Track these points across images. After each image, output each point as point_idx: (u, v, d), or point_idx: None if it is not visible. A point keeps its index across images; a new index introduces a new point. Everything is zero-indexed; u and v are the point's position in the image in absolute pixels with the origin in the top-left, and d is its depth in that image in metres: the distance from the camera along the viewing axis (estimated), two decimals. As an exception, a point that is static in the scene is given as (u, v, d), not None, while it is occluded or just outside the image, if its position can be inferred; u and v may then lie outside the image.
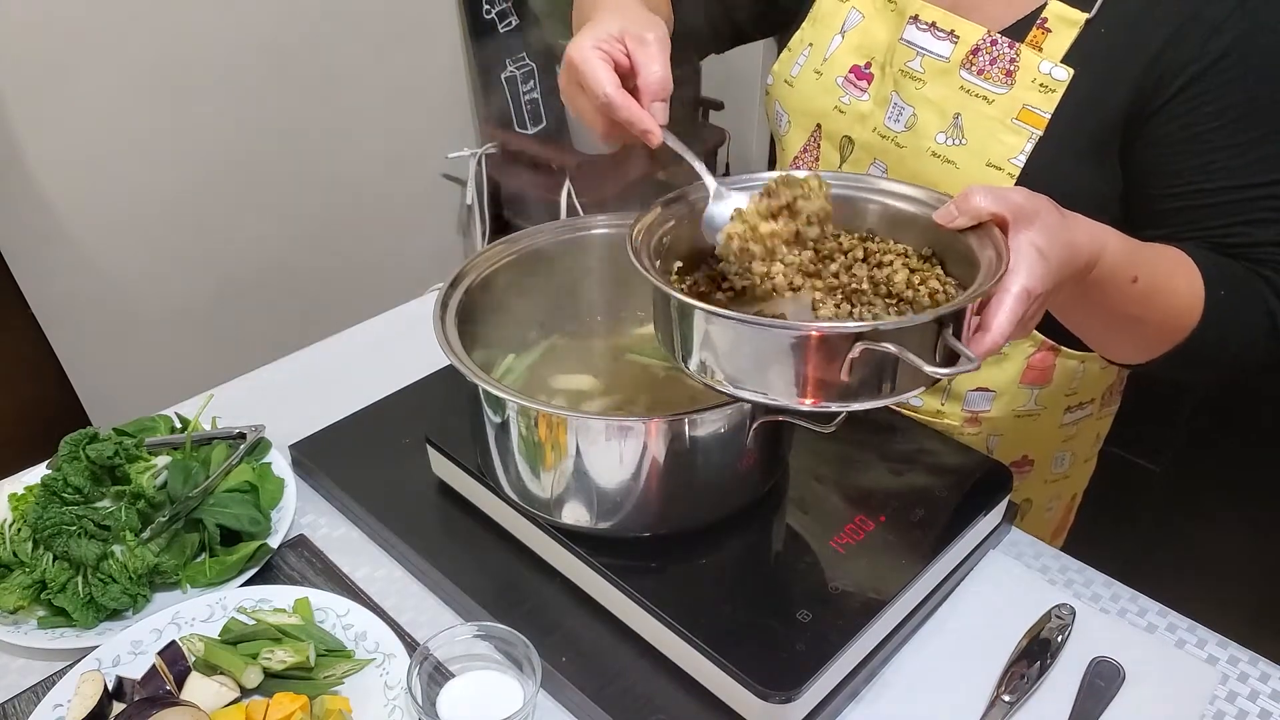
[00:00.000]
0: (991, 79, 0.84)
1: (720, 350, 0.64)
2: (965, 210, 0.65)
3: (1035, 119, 0.82)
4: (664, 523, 0.77)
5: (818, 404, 0.62)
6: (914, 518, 0.80)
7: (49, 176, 1.68)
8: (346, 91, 2.04)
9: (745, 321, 0.61)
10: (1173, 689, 0.75)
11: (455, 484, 0.88)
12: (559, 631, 0.76)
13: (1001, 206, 0.63)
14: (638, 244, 0.69)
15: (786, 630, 0.70)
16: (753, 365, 0.63)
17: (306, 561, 0.86)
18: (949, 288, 0.68)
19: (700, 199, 0.74)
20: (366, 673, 0.74)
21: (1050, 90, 0.81)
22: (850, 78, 0.93)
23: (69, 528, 0.80)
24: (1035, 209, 0.63)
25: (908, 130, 0.89)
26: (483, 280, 0.85)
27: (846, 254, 0.72)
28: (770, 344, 0.61)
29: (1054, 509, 1.09)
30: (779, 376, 0.62)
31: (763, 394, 0.63)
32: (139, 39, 1.70)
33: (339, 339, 1.19)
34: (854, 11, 0.93)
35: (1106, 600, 0.83)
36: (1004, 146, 0.83)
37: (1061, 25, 0.81)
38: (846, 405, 0.62)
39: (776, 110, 1.01)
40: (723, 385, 0.64)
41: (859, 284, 0.69)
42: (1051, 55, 0.81)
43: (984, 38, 0.84)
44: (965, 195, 0.65)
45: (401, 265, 2.30)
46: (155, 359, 1.92)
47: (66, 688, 0.72)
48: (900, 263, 0.70)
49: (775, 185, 0.70)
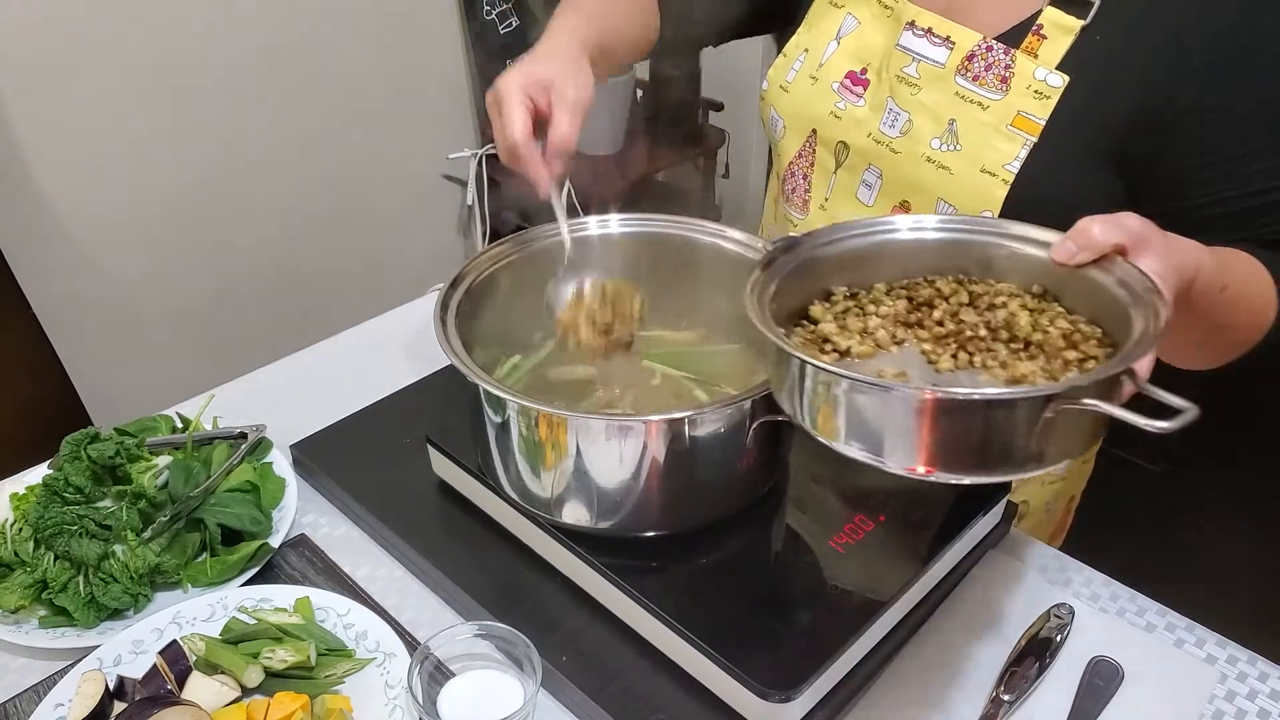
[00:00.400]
0: (987, 85, 0.83)
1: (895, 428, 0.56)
2: (1086, 245, 0.63)
3: (1030, 125, 0.81)
4: (664, 523, 0.77)
5: (999, 474, 0.56)
6: (913, 518, 0.80)
7: (49, 176, 1.68)
8: (346, 92, 2.04)
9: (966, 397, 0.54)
10: (1172, 688, 0.75)
11: (456, 483, 0.88)
12: (559, 631, 0.76)
13: (1121, 236, 0.62)
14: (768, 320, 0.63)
15: (786, 630, 0.70)
16: (955, 441, 0.55)
17: (307, 561, 0.86)
18: (1081, 325, 0.65)
19: (788, 262, 0.71)
20: (367, 672, 0.75)
21: (1045, 97, 0.81)
22: (846, 83, 0.93)
23: (70, 527, 0.80)
24: (1148, 234, 0.62)
25: (903, 136, 0.88)
26: (483, 280, 0.85)
27: (948, 299, 0.70)
28: (963, 416, 0.54)
29: (1053, 510, 1.09)
30: (959, 448, 0.56)
31: (959, 474, 0.56)
32: (139, 39, 1.70)
33: (339, 339, 1.19)
34: (850, 17, 0.93)
35: (1106, 600, 0.83)
36: (998, 153, 0.83)
37: (1057, 32, 0.80)
38: (1032, 470, 0.56)
39: (772, 115, 1.00)
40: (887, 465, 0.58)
41: (974, 331, 0.65)
42: (1046, 62, 0.81)
43: (980, 44, 0.84)
44: (1082, 230, 0.63)
45: (402, 265, 2.30)
46: (156, 359, 1.92)
47: (68, 687, 0.72)
48: (1016, 304, 0.67)
49: (604, 296, 0.79)
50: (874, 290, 0.73)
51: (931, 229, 0.73)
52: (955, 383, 0.64)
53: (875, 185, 0.92)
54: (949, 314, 0.68)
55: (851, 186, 0.95)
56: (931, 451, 0.56)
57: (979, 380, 0.64)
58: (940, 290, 0.71)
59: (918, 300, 0.70)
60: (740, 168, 2.47)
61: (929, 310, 0.69)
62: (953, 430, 0.55)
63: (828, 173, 0.97)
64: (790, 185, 1.01)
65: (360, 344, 1.18)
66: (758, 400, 0.72)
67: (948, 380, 0.64)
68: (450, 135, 2.29)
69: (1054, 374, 0.62)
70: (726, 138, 2.35)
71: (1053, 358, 0.63)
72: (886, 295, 0.72)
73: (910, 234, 0.73)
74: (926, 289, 0.71)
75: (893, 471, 0.58)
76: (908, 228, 0.73)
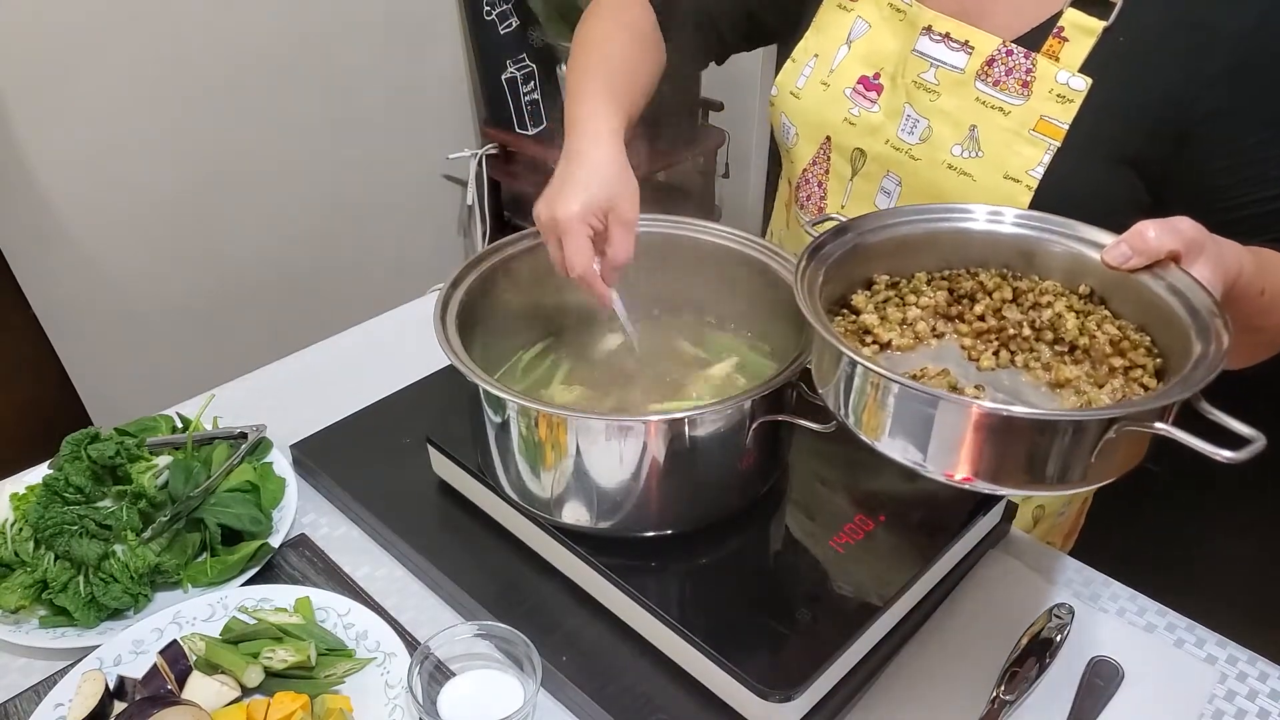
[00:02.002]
0: (1008, 90, 0.82)
1: (945, 436, 0.56)
2: (1141, 249, 0.62)
3: (1053, 130, 0.80)
4: (664, 523, 0.77)
5: (1044, 490, 0.56)
6: (913, 518, 0.80)
7: (50, 176, 1.68)
8: (347, 92, 2.04)
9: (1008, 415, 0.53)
10: (1171, 688, 0.75)
11: (456, 483, 0.88)
12: (559, 631, 0.76)
13: (1176, 241, 0.61)
14: (820, 315, 0.62)
15: (786, 630, 0.71)
16: (998, 452, 0.55)
17: (307, 561, 0.86)
18: (1130, 332, 0.64)
19: (836, 248, 0.69)
20: (367, 672, 0.75)
21: (1068, 101, 0.80)
22: (859, 89, 0.92)
23: (70, 527, 0.81)
24: (1202, 240, 0.61)
25: (922, 143, 0.87)
26: (483, 280, 0.85)
27: (991, 294, 0.69)
28: (1030, 433, 0.54)
29: (1066, 514, 1.09)
30: (1022, 462, 0.55)
31: (996, 484, 0.56)
32: (139, 39, 1.70)
33: (339, 339, 1.19)
34: (860, 20, 0.92)
35: (1105, 600, 0.83)
36: (1021, 159, 0.82)
37: (1079, 34, 0.79)
38: (1081, 486, 0.56)
39: (783, 122, 0.99)
40: (930, 471, 0.58)
41: (1017, 329, 0.65)
42: (1069, 65, 0.79)
43: (999, 48, 0.82)
44: (1137, 233, 0.62)
45: (402, 265, 2.30)
46: (156, 359, 1.92)
47: (68, 687, 0.72)
48: (1063, 305, 0.66)
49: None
50: (915, 279, 0.72)
51: (985, 220, 0.71)
52: (996, 381, 0.63)
53: (894, 192, 0.92)
54: (991, 310, 0.67)
55: (869, 194, 0.94)
56: (978, 462, 0.56)
57: (1020, 381, 0.63)
58: (983, 284, 0.70)
59: (959, 292, 0.69)
60: (740, 168, 2.47)
61: (970, 304, 0.68)
62: (1006, 444, 0.55)
63: (843, 180, 0.95)
64: (805, 192, 1.00)
65: (360, 344, 1.18)
66: (758, 400, 0.72)
67: (989, 379, 0.63)
68: (450, 135, 2.29)
69: (1099, 380, 0.61)
70: (726, 138, 2.35)
71: (1098, 364, 0.62)
72: (927, 285, 0.71)
73: (960, 225, 0.72)
74: (969, 281, 0.70)
75: (930, 476, 0.57)
76: (961, 216, 0.72)
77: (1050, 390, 0.63)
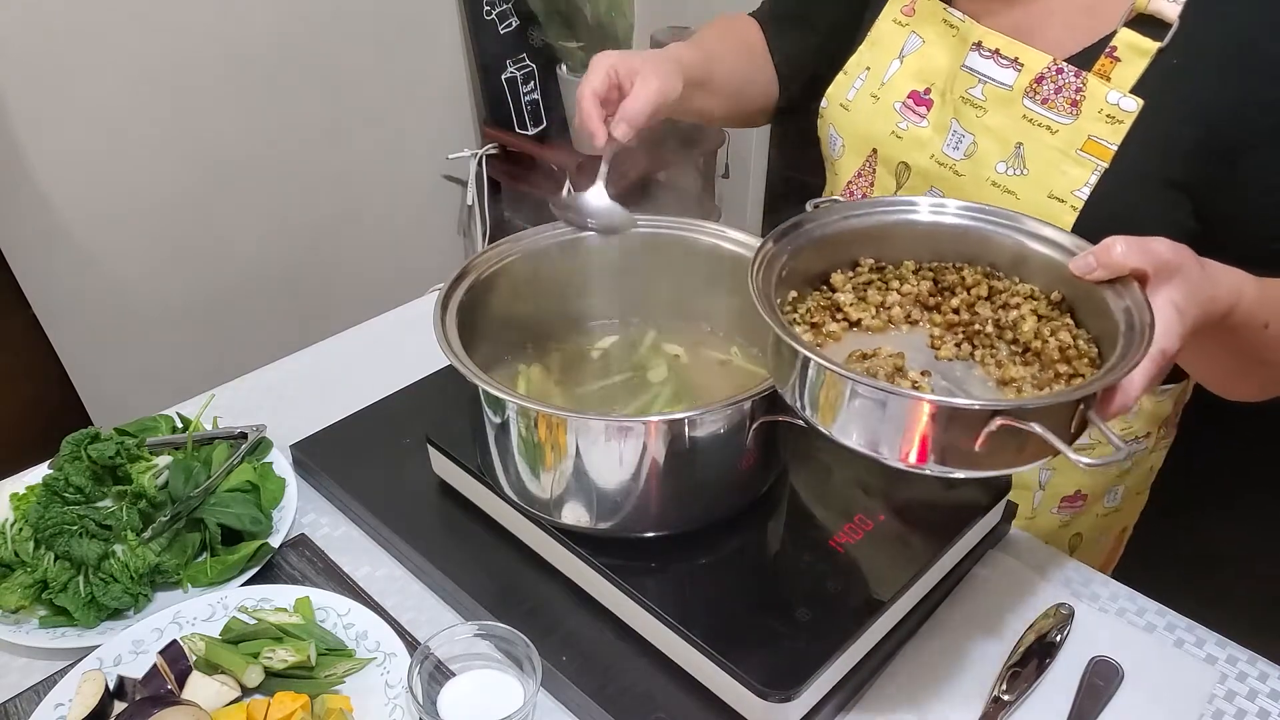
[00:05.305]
0: (1056, 108, 0.81)
1: (845, 409, 0.60)
2: (1105, 263, 0.62)
3: (1101, 150, 0.79)
4: (664, 523, 0.77)
5: (943, 469, 0.58)
6: (913, 518, 0.80)
7: (50, 176, 1.68)
8: (347, 92, 2.04)
9: (885, 391, 0.57)
10: (1171, 688, 0.75)
11: (456, 484, 0.88)
12: (559, 631, 0.76)
13: (1144, 261, 0.60)
14: (760, 288, 0.65)
15: (786, 630, 0.71)
16: (879, 427, 0.59)
17: (307, 561, 0.86)
18: (1080, 342, 0.64)
19: (814, 226, 0.71)
20: (367, 672, 0.75)
21: (1118, 122, 0.78)
22: (909, 103, 0.91)
23: (70, 527, 0.81)
24: (1178, 263, 0.60)
25: (967, 158, 0.86)
26: (483, 280, 0.85)
27: (969, 290, 0.70)
28: (906, 413, 0.57)
29: (1103, 541, 1.07)
30: (905, 441, 0.58)
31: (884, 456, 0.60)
32: (139, 38, 1.70)
33: (339, 339, 1.19)
34: (914, 36, 0.91)
35: (1105, 599, 0.83)
36: (1067, 178, 0.81)
37: (1132, 54, 0.77)
38: (972, 472, 0.59)
39: (830, 134, 0.98)
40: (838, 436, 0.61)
41: (983, 325, 0.66)
42: (1120, 85, 0.78)
43: (1049, 66, 0.81)
44: (1106, 247, 0.62)
45: (401, 265, 2.30)
46: (156, 359, 1.92)
47: (68, 687, 0.72)
48: (1028, 308, 0.67)
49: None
50: (903, 267, 0.73)
51: (969, 216, 0.72)
52: (948, 371, 0.65)
53: None
54: (966, 304, 0.68)
55: None
56: (887, 440, 0.59)
57: (972, 374, 0.65)
58: (965, 279, 0.71)
59: (942, 284, 0.70)
60: (740, 168, 2.47)
61: (949, 296, 0.69)
62: (899, 425, 0.58)
63: (888, 193, 0.94)
64: None
65: (360, 344, 1.18)
66: (758, 400, 0.72)
67: (943, 369, 0.65)
68: (450, 135, 2.29)
69: (1041, 383, 0.63)
70: (726, 138, 2.35)
71: (1046, 368, 0.64)
72: (914, 274, 0.72)
73: (951, 219, 0.73)
74: (953, 275, 0.71)
75: (862, 454, 0.61)
76: (953, 211, 0.73)
77: (997, 386, 0.64)
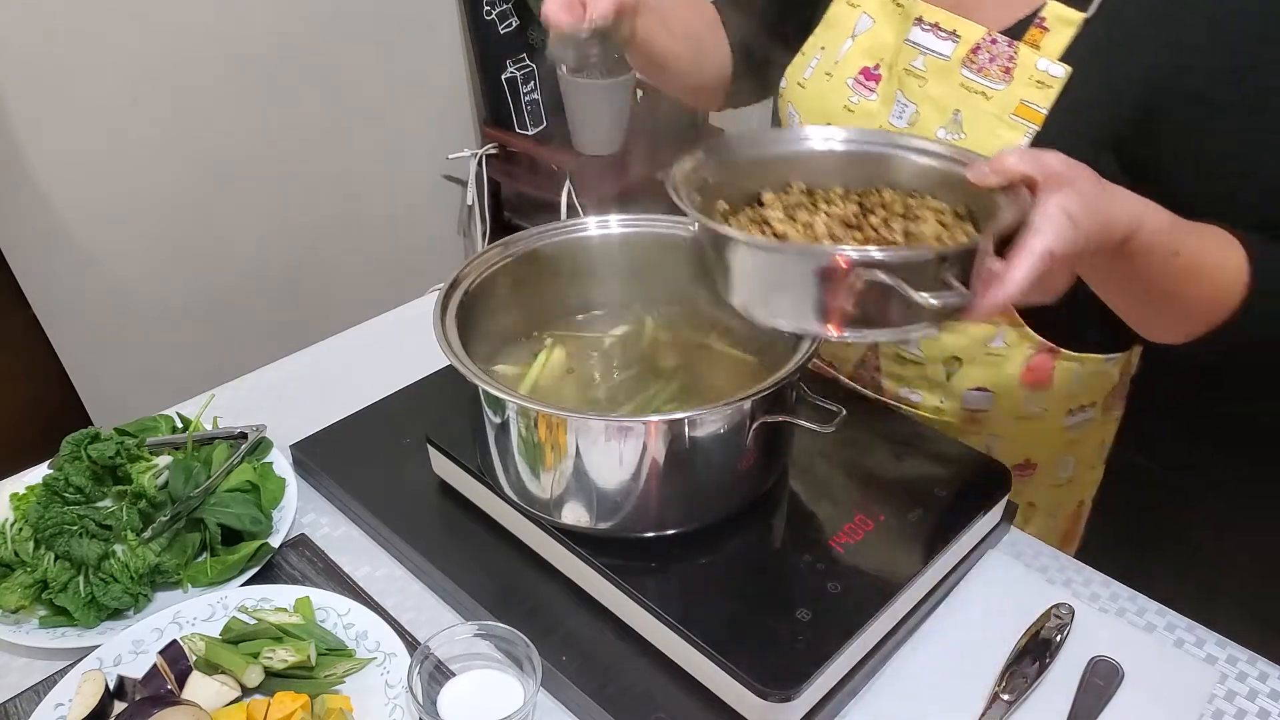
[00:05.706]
0: (990, 76, 0.85)
1: (731, 270, 0.66)
2: (997, 169, 0.66)
3: (1032, 114, 0.83)
4: (664, 523, 0.77)
5: (826, 329, 0.64)
6: (913, 517, 0.80)
7: (50, 176, 1.68)
8: (347, 92, 2.04)
9: (759, 246, 0.64)
10: (1171, 688, 0.75)
11: (456, 484, 0.88)
12: (559, 631, 0.76)
13: (1033, 169, 0.64)
14: (677, 179, 0.71)
15: (786, 630, 0.71)
16: (760, 285, 0.65)
17: (307, 561, 0.86)
18: (956, 232, 0.69)
19: (745, 145, 0.78)
20: (367, 672, 0.75)
21: (1047, 86, 0.82)
22: (859, 79, 0.95)
23: (70, 527, 0.81)
24: (1071, 176, 0.63)
25: (910, 126, 0.90)
26: (483, 281, 0.85)
27: (887, 208, 0.73)
28: (770, 262, 0.65)
29: (1058, 515, 1.09)
30: (785, 297, 0.64)
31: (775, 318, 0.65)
32: (139, 38, 1.70)
33: (339, 339, 1.19)
34: (864, 16, 0.95)
35: (1105, 600, 0.83)
36: (1001, 141, 0.84)
37: (1059, 24, 0.82)
38: (860, 333, 0.64)
39: (789, 111, 1.02)
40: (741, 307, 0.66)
41: (893, 236, 0.70)
42: (1049, 53, 0.82)
43: (984, 37, 0.85)
44: (1000, 156, 0.66)
45: (402, 265, 2.30)
46: (156, 359, 1.92)
47: (68, 687, 0.72)
48: (934, 218, 0.71)
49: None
50: (831, 192, 0.77)
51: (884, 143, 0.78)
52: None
53: None
54: (883, 221, 0.72)
55: None
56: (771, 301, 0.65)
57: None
58: (884, 201, 0.75)
59: (866, 206, 0.74)
60: (740, 167, 2.47)
61: (870, 215, 0.73)
62: (772, 273, 0.65)
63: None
64: None
65: (360, 344, 1.18)
66: (758, 400, 0.72)
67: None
68: (450, 135, 2.29)
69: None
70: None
71: None
72: (841, 198, 0.76)
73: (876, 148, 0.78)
74: (875, 197, 0.75)
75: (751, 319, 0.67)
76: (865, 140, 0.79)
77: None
